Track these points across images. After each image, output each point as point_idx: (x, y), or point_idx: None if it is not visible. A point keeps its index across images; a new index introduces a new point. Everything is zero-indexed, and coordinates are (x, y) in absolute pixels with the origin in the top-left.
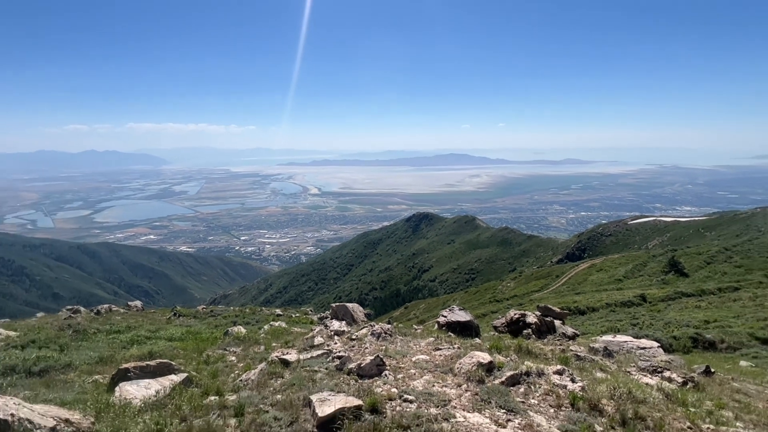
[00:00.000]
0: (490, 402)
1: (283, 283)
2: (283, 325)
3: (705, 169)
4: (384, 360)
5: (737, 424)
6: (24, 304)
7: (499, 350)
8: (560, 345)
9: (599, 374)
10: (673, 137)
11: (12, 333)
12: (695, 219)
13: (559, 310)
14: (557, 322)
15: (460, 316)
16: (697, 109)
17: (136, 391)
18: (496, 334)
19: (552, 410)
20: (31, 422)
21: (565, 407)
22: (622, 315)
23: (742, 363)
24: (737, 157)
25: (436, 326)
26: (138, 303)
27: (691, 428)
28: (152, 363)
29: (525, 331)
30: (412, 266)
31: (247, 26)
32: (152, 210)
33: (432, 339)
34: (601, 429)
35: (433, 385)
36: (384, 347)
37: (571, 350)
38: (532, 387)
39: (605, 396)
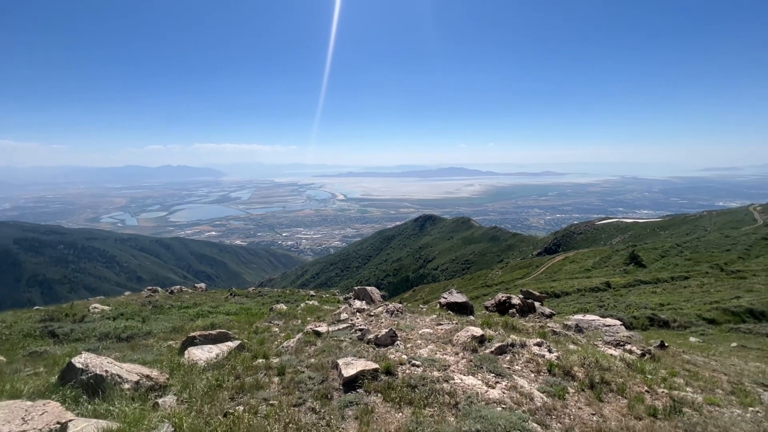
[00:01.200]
0: (482, 367)
1: (315, 270)
2: (316, 303)
3: (660, 179)
4: (396, 332)
5: (687, 389)
6: (115, 284)
7: (490, 326)
8: (539, 322)
9: (572, 346)
10: (633, 153)
11: (106, 307)
12: (652, 220)
13: (538, 293)
14: (537, 304)
15: (458, 297)
16: (655, 127)
17: (201, 354)
18: (487, 312)
19: (533, 375)
20: (120, 377)
21: (544, 373)
22: (591, 298)
23: (692, 339)
24: (688, 169)
25: (438, 306)
26: (202, 285)
27: (648, 392)
28: (213, 332)
29: (510, 310)
30: (418, 257)
31: (286, 65)
32: (213, 212)
33: (435, 316)
34: (573, 391)
35: (436, 353)
36: (396, 322)
37: (549, 326)
38: (516, 356)
39: (577, 364)
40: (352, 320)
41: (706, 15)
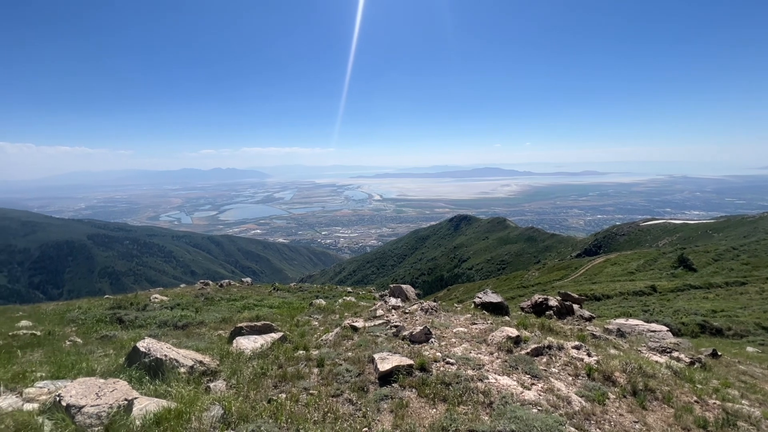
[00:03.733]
0: (517, 368)
1: (352, 268)
2: (353, 300)
3: (713, 178)
4: (431, 330)
5: (742, 401)
6: (172, 277)
7: (525, 327)
8: (578, 325)
9: (612, 351)
10: (682, 151)
11: (165, 298)
12: (703, 222)
13: (577, 295)
14: (575, 306)
15: (493, 297)
16: (707, 123)
17: (247, 343)
18: (523, 313)
19: (570, 378)
20: (177, 361)
21: (582, 377)
22: (634, 302)
23: (749, 349)
24: (745, 167)
25: (473, 305)
26: (248, 279)
27: (697, 402)
28: (258, 324)
29: (547, 312)
30: (453, 257)
31: (325, 70)
32: (259, 212)
33: (469, 315)
34: (614, 397)
35: (470, 352)
36: (431, 320)
37: (588, 330)
38: (553, 358)
39: (618, 369)
40: (387, 317)
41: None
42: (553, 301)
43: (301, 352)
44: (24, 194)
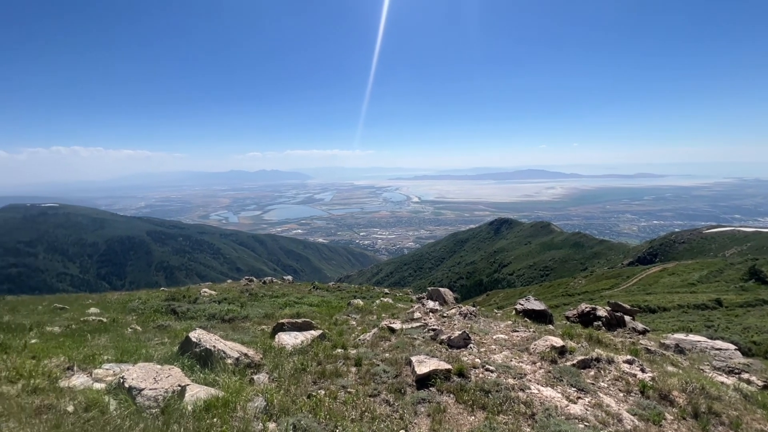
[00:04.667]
0: (562, 380)
1: (390, 269)
2: (390, 301)
3: None
4: (469, 335)
5: None
6: (219, 273)
7: (571, 337)
8: (630, 338)
9: (670, 368)
10: (755, 151)
11: (213, 292)
12: None
13: (629, 306)
14: (627, 318)
15: (536, 305)
16: None
17: (288, 339)
18: (568, 323)
19: (621, 394)
20: (224, 353)
21: (635, 393)
22: (695, 317)
23: None
24: None
25: (514, 312)
26: (289, 277)
27: None
28: (299, 321)
29: (595, 323)
30: (493, 261)
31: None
32: (300, 212)
33: (510, 322)
34: (672, 418)
35: (511, 360)
36: (469, 325)
37: (641, 344)
38: (602, 372)
39: (676, 388)
40: (425, 320)
41: None
42: (601, 312)
43: (339, 350)
44: (94, 193)
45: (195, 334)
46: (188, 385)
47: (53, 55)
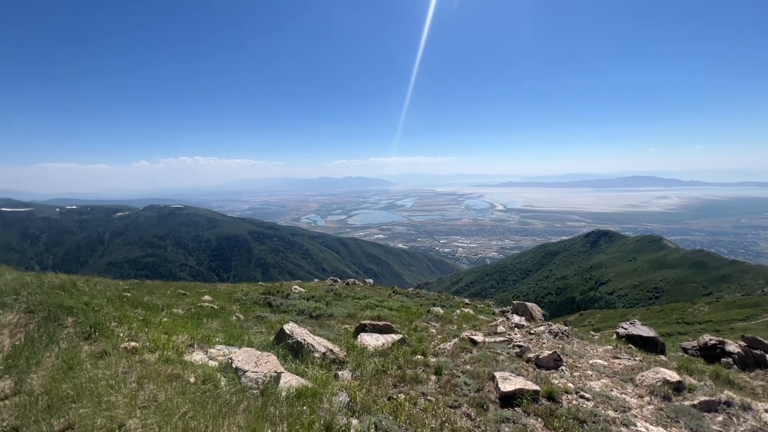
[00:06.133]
0: (678, 421)
1: (470, 279)
2: (471, 312)
3: None
4: (561, 356)
5: None
6: (307, 272)
7: (690, 372)
8: None
9: None
10: None
11: (302, 290)
12: None
13: None
14: None
15: (643, 330)
16: None
17: (370, 340)
18: (685, 355)
19: None
20: (313, 347)
21: None
22: None
23: None
24: None
25: (615, 336)
26: (370, 280)
27: None
28: (380, 323)
29: (723, 359)
30: (588, 278)
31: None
32: (382, 217)
33: (610, 347)
34: None
35: (612, 390)
36: (561, 345)
37: None
38: (734, 419)
39: None
40: (509, 335)
41: None
42: (732, 347)
43: (419, 356)
44: (209, 196)
45: (288, 327)
46: (282, 372)
47: (192, 82)
